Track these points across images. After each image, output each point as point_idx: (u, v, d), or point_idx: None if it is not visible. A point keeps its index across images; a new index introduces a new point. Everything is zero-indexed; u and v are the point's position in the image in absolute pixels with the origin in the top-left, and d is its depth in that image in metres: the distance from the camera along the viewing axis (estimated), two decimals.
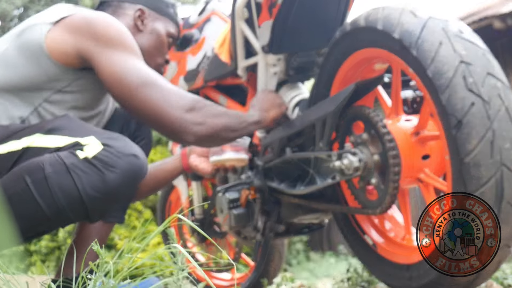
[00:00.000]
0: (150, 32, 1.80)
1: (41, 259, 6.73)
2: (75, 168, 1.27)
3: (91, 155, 1.29)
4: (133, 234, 5.38)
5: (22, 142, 1.36)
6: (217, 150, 1.77)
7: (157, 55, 1.83)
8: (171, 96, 1.46)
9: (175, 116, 1.45)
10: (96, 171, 1.28)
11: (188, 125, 1.46)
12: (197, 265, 1.00)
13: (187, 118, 1.46)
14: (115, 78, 1.45)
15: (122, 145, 1.34)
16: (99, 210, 1.34)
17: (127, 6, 1.79)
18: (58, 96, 1.51)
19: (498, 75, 1.22)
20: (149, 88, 1.45)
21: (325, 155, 1.53)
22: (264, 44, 1.74)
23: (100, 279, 1.00)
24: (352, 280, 1.93)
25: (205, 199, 2.43)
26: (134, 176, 1.33)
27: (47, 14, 1.55)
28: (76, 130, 1.38)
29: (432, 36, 1.26)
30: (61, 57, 1.47)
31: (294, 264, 7.47)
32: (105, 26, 1.49)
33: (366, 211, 1.48)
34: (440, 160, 1.42)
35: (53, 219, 1.30)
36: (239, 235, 2.10)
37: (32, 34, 1.49)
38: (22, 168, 1.30)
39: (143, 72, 1.47)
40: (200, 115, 1.49)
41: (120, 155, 1.31)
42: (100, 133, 1.38)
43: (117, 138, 1.36)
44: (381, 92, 1.61)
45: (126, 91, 1.45)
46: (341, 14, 1.77)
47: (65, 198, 1.27)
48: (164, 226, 1.04)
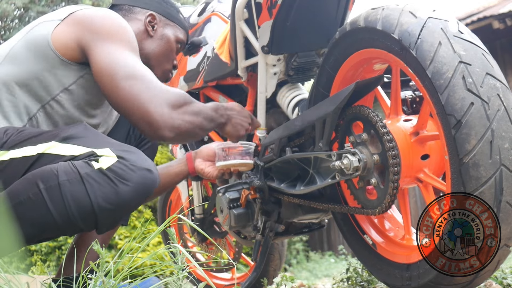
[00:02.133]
0: (160, 38, 1.79)
1: (41, 259, 6.73)
2: (89, 178, 1.28)
3: (105, 166, 1.30)
4: (133, 234, 5.38)
5: (37, 148, 1.37)
6: (223, 155, 1.77)
7: (165, 61, 1.82)
8: (156, 91, 1.45)
9: (156, 111, 1.43)
10: (110, 183, 1.29)
11: (169, 121, 1.45)
12: (197, 265, 1.00)
13: (169, 114, 1.45)
14: (103, 68, 1.45)
15: (137, 159, 1.34)
16: (109, 221, 1.34)
17: (138, 11, 1.79)
18: (64, 95, 1.52)
19: (497, 75, 1.23)
20: (134, 81, 1.44)
21: (325, 155, 1.54)
22: (264, 44, 1.74)
23: (101, 279, 1.00)
24: (352, 279, 1.94)
25: (205, 199, 2.43)
26: (146, 190, 1.34)
27: (56, 13, 1.58)
28: (92, 140, 1.39)
29: (432, 36, 1.26)
30: (64, 50, 1.49)
31: (294, 264, 7.48)
32: (105, 20, 1.51)
33: (366, 211, 1.48)
34: (440, 160, 1.42)
35: (62, 227, 1.30)
36: (239, 235, 2.11)
37: (40, 30, 1.52)
38: (36, 173, 1.31)
39: (132, 65, 1.47)
40: (182, 111, 1.48)
41: (134, 168, 1.31)
42: (115, 145, 1.39)
43: (131, 151, 1.37)
44: (381, 92, 1.61)
45: (111, 82, 1.44)
46: (340, 14, 1.77)
47: (76, 207, 1.27)
48: (164, 226, 1.04)
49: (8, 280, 1.07)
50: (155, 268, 1.17)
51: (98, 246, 1.04)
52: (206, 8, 2.24)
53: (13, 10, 7.99)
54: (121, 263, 1.10)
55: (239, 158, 1.76)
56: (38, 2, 7.81)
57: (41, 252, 6.69)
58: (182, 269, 1.05)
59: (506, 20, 5.84)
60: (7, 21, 8.28)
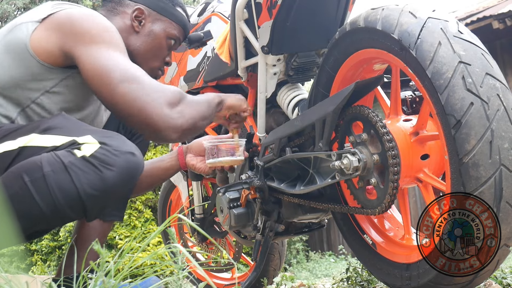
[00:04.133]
0: (147, 34, 1.73)
1: (42, 259, 6.73)
2: (73, 167, 1.28)
3: (88, 153, 1.29)
4: (133, 234, 5.38)
5: (18, 141, 1.36)
6: (212, 153, 1.76)
7: (152, 58, 1.76)
8: (152, 92, 1.43)
9: (157, 113, 1.42)
10: (94, 170, 1.29)
11: (171, 121, 1.44)
12: (198, 265, 1.00)
13: (169, 114, 1.44)
14: (95, 74, 1.43)
15: (119, 143, 1.34)
16: (97, 207, 1.35)
17: (128, 4, 1.73)
18: (46, 97, 1.49)
19: (497, 75, 1.23)
20: (130, 84, 1.42)
21: (324, 155, 1.54)
22: (264, 44, 1.74)
23: (101, 278, 1.00)
24: (352, 279, 1.94)
25: (205, 198, 2.44)
26: (131, 174, 1.34)
27: (33, 12, 1.53)
28: (72, 129, 1.38)
29: (431, 36, 1.26)
30: (46, 56, 1.46)
31: (294, 264, 7.48)
32: (87, 22, 1.47)
33: (366, 211, 1.49)
34: (439, 160, 1.42)
35: (51, 217, 1.30)
36: (239, 234, 2.11)
37: (18, 34, 1.48)
38: (19, 167, 1.30)
39: (125, 67, 1.44)
40: (180, 108, 1.47)
41: (117, 153, 1.31)
42: (96, 131, 1.38)
43: (113, 137, 1.36)
44: (381, 92, 1.61)
45: (106, 87, 1.42)
46: (340, 14, 1.77)
47: (63, 196, 1.27)
48: (164, 226, 1.04)
49: (8, 280, 1.07)
50: (155, 268, 1.17)
51: (98, 246, 1.05)
52: (206, 8, 2.24)
53: (13, 10, 8.00)
54: (122, 262, 1.10)
55: (229, 155, 1.75)
56: (39, 2, 7.81)
57: (42, 252, 6.69)
58: (182, 269, 1.05)
59: (506, 20, 5.84)
60: (8, 21, 8.29)
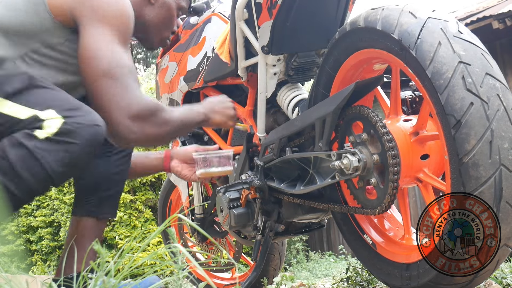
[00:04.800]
0: (161, 6, 1.82)
1: (42, 259, 6.74)
2: (38, 151, 1.29)
3: (52, 132, 1.30)
4: (133, 234, 5.39)
5: None
6: (203, 164, 1.83)
7: (164, 29, 1.85)
8: (127, 98, 1.44)
9: (118, 120, 1.43)
10: (59, 148, 1.30)
11: (125, 131, 1.45)
12: (198, 265, 1.00)
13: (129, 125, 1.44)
14: (86, 55, 1.44)
15: (83, 115, 1.34)
16: (65, 180, 1.40)
17: None
18: (47, 50, 1.49)
19: (497, 75, 1.23)
20: (112, 81, 1.43)
21: (324, 155, 1.54)
22: (264, 44, 1.74)
23: (101, 278, 1.00)
24: (352, 279, 1.94)
25: (205, 198, 2.44)
26: (95, 145, 1.36)
27: None
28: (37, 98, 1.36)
29: (431, 36, 1.26)
30: (57, 12, 1.47)
31: (294, 264, 7.48)
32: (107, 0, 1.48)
33: (366, 211, 1.49)
34: (439, 160, 1.42)
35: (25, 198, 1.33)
36: (239, 234, 2.11)
37: None
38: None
39: (116, 60, 1.44)
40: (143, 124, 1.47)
41: (80, 126, 1.32)
42: (60, 103, 1.37)
43: (76, 108, 1.36)
44: (381, 92, 1.61)
45: (92, 72, 1.43)
46: (340, 14, 1.77)
47: (36, 181, 1.30)
48: (164, 226, 1.04)
49: (8, 280, 1.07)
50: (155, 268, 1.17)
51: (98, 245, 1.05)
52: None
53: None
54: (122, 262, 1.10)
55: (219, 166, 1.84)
56: None
57: (42, 252, 6.70)
58: (182, 269, 1.05)
59: (506, 20, 5.84)
60: None
